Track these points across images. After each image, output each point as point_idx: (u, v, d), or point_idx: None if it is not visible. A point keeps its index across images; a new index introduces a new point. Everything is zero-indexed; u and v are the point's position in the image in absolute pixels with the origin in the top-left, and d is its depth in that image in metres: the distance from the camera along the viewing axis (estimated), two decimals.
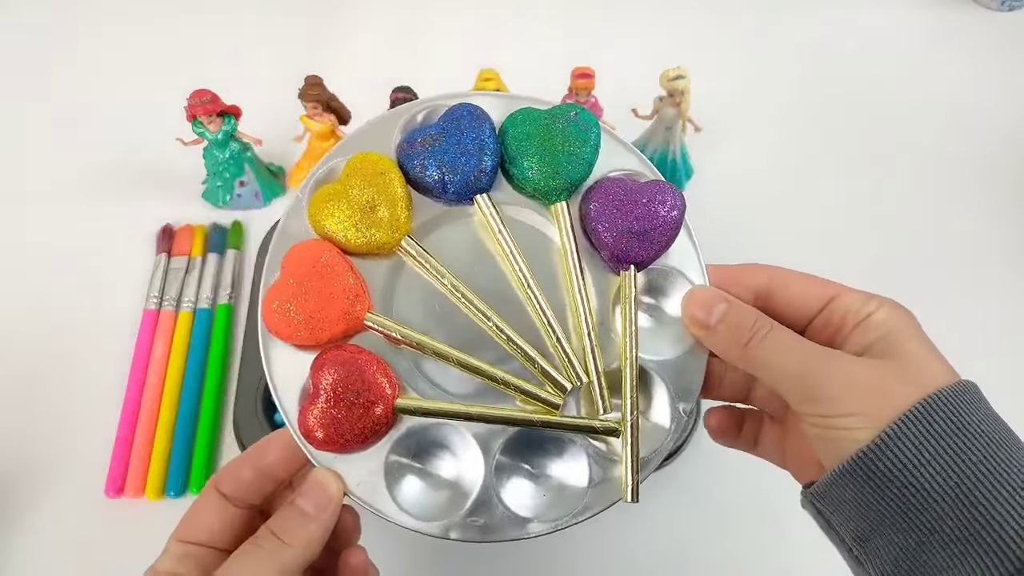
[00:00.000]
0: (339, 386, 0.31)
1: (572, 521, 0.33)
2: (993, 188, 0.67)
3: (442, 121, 0.35)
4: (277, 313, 0.32)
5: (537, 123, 0.35)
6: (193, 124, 0.58)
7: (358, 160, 0.35)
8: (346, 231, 0.33)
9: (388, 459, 0.32)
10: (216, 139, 0.59)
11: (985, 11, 0.79)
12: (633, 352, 0.33)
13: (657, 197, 0.34)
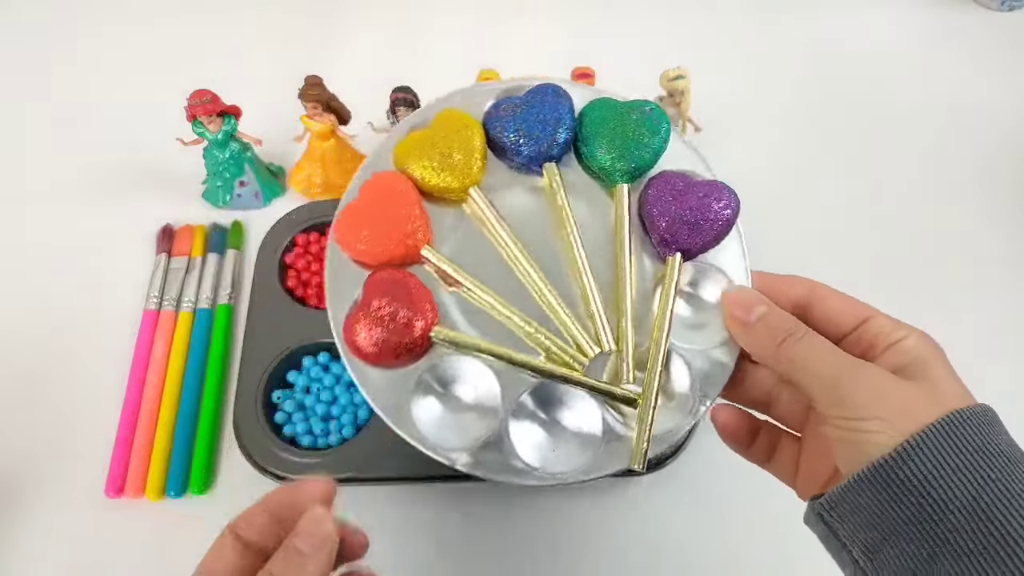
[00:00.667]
0: (386, 300, 0.34)
1: (575, 478, 0.34)
2: (993, 188, 0.67)
3: (528, 94, 0.39)
4: (346, 224, 0.36)
5: (614, 111, 0.38)
6: (193, 124, 0.58)
7: (446, 113, 0.38)
8: (424, 171, 0.37)
9: (414, 382, 0.35)
10: (216, 139, 0.59)
11: (985, 11, 0.79)
12: (665, 332, 0.35)
13: (714, 194, 0.37)
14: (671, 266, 0.36)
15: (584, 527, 0.51)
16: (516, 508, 0.52)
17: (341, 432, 0.52)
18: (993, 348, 0.58)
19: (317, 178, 0.62)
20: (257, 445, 0.51)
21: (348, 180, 0.62)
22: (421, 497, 0.52)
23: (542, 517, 0.51)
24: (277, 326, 0.55)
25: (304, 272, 0.59)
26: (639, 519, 0.51)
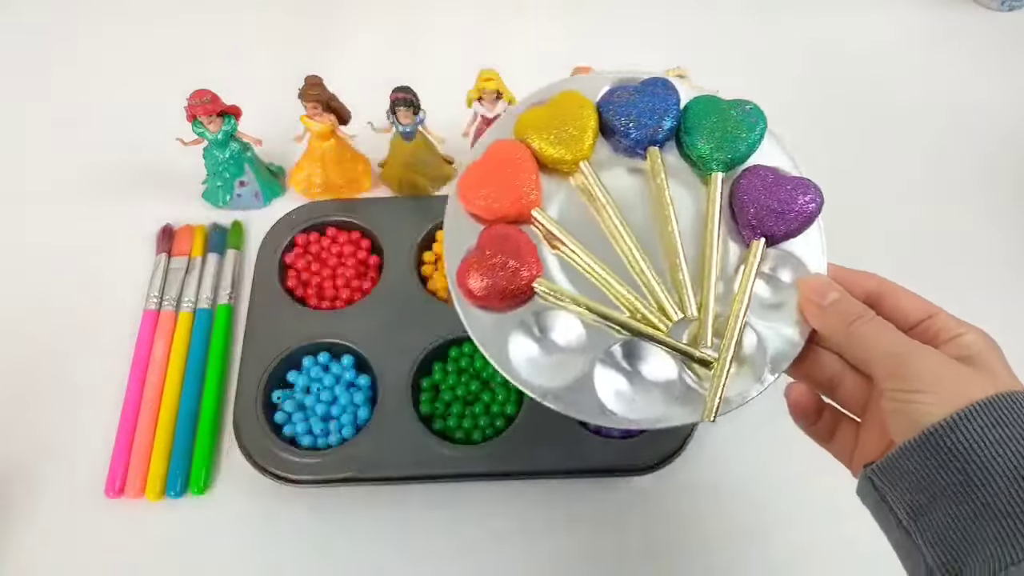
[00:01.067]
0: (497, 249, 0.39)
1: (649, 425, 0.38)
2: (993, 188, 0.67)
3: (641, 84, 0.43)
4: (469, 182, 0.41)
5: (717, 107, 0.42)
6: (193, 124, 0.58)
7: (566, 94, 0.43)
8: (541, 142, 0.41)
9: (515, 324, 0.39)
10: (216, 139, 0.59)
11: (985, 11, 0.79)
12: (744, 306, 0.39)
13: (801, 188, 0.40)
14: (755, 249, 0.40)
15: (585, 526, 0.51)
16: (516, 508, 0.52)
17: (341, 432, 0.52)
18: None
19: (317, 178, 0.62)
20: (257, 445, 0.51)
21: (348, 180, 0.63)
22: (420, 497, 0.52)
23: (542, 516, 0.51)
24: (277, 326, 0.55)
25: (304, 272, 0.59)
26: (639, 518, 0.51)
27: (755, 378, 0.38)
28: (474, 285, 0.38)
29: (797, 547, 0.51)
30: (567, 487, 0.52)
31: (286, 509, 0.51)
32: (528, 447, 0.51)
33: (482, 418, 0.52)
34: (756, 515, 0.52)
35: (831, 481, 0.53)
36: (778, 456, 0.54)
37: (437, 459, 0.50)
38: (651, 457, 0.51)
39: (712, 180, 0.41)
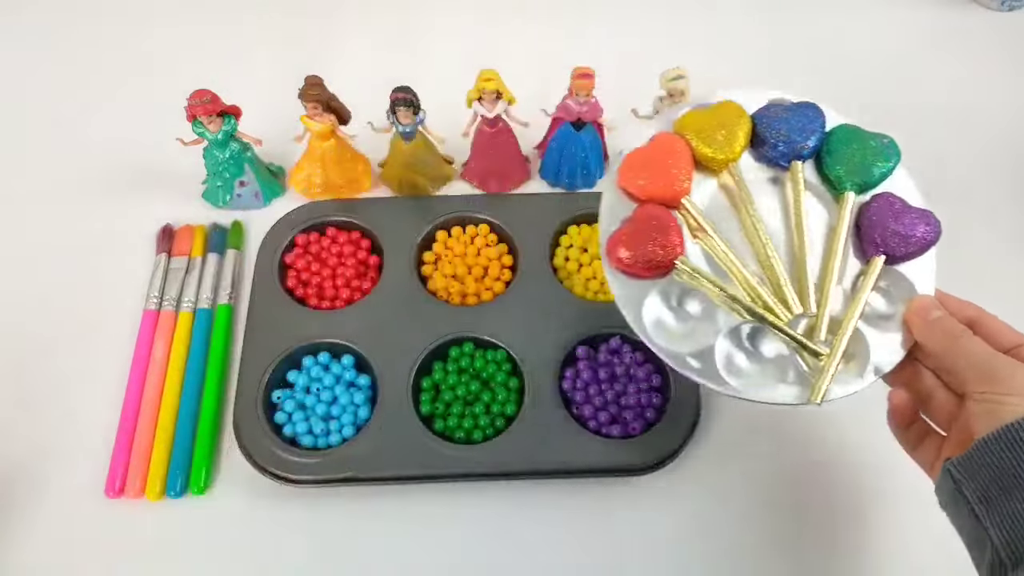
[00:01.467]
0: (647, 221, 0.44)
1: (758, 398, 0.43)
2: (993, 188, 0.67)
3: (793, 105, 0.49)
4: (631, 164, 0.46)
5: (858, 135, 0.48)
6: (193, 124, 0.58)
7: (725, 103, 0.48)
8: (697, 140, 0.47)
9: (654, 291, 0.44)
10: (216, 139, 0.59)
11: (985, 11, 0.79)
12: (859, 311, 0.44)
13: (924, 218, 0.46)
14: (875, 264, 0.45)
15: (585, 526, 0.51)
16: (516, 507, 0.52)
17: (341, 432, 0.52)
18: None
19: (317, 178, 0.62)
20: (257, 445, 0.51)
21: (348, 180, 0.63)
22: (420, 497, 0.52)
23: (542, 516, 0.51)
24: (277, 326, 0.55)
25: (304, 272, 0.59)
26: (639, 518, 0.51)
27: (858, 375, 0.43)
28: (623, 254, 0.44)
29: (797, 546, 0.51)
30: (567, 487, 0.52)
31: (286, 509, 0.51)
32: (528, 447, 0.51)
33: (482, 418, 0.52)
34: (755, 514, 0.52)
35: (830, 481, 0.53)
36: (777, 456, 0.54)
37: (437, 459, 0.50)
38: (650, 457, 0.51)
39: (845, 198, 0.46)
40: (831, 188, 0.48)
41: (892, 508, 0.52)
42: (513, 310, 0.56)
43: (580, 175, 0.63)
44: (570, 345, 0.55)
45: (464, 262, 0.59)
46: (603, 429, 0.52)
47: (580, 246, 0.60)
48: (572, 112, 0.59)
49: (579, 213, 0.61)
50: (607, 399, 0.53)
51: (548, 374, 0.53)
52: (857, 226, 0.46)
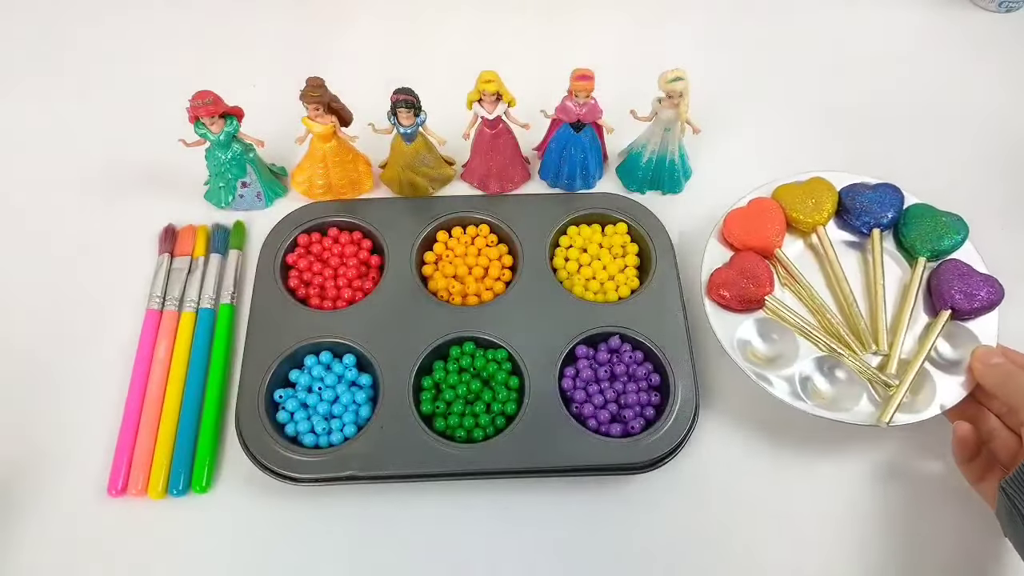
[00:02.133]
0: (744, 266, 0.55)
1: (832, 417, 0.51)
2: (993, 188, 0.67)
3: (876, 184, 0.60)
4: (735, 219, 0.58)
5: (931, 212, 0.58)
6: (195, 125, 0.58)
7: (816, 179, 0.60)
8: (791, 205, 0.58)
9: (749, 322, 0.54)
10: (218, 140, 0.59)
11: (982, 12, 0.79)
12: (927, 352, 0.53)
13: (988, 283, 0.54)
14: (941, 316, 0.54)
15: (585, 524, 0.52)
16: (516, 505, 0.52)
17: (343, 431, 0.52)
18: None
19: (319, 179, 0.62)
20: (259, 444, 0.51)
21: (349, 181, 0.63)
22: (421, 495, 0.52)
23: (542, 514, 0.52)
24: (279, 326, 0.56)
25: (306, 272, 0.59)
26: (638, 516, 0.52)
27: (921, 407, 0.51)
28: (723, 291, 0.54)
29: (796, 545, 0.51)
30: (567, 485, 0.52)
31: (288, 507, 0.52)
32: (529, 446, 0.51)
33: (483, 417, 0.52)
34: (754, 512, 0.52)
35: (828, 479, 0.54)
36: (777, 456, 0.54)
37: (438, 458, 0.51)
38: (650, 456, 0.51)
39: (918, 262, 0.56)
40: (906, 255, 0.58)
41: (892, 507, 0.52)
42: (513, 310, 0.57)
43: (580, 176, 0.64)
44: (570, 344, 0.55)
45: (465, 262, 0.60)
46: (603, 428, 0.52)
47: (580, 246, 0.61)
48: (571, 113, 0.59)
49: (579, 214, 0.61)
50: (607, 398, 0.53)
51: (548, 373, 0.53)
52: (928, 288, 0.56)
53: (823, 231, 0.58)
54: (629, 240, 0.61)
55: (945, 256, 0.57)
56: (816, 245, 0.59)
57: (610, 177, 0.67)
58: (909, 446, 0.54)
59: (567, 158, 0.62)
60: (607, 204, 0.62)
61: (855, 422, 0.50)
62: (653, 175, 0.65)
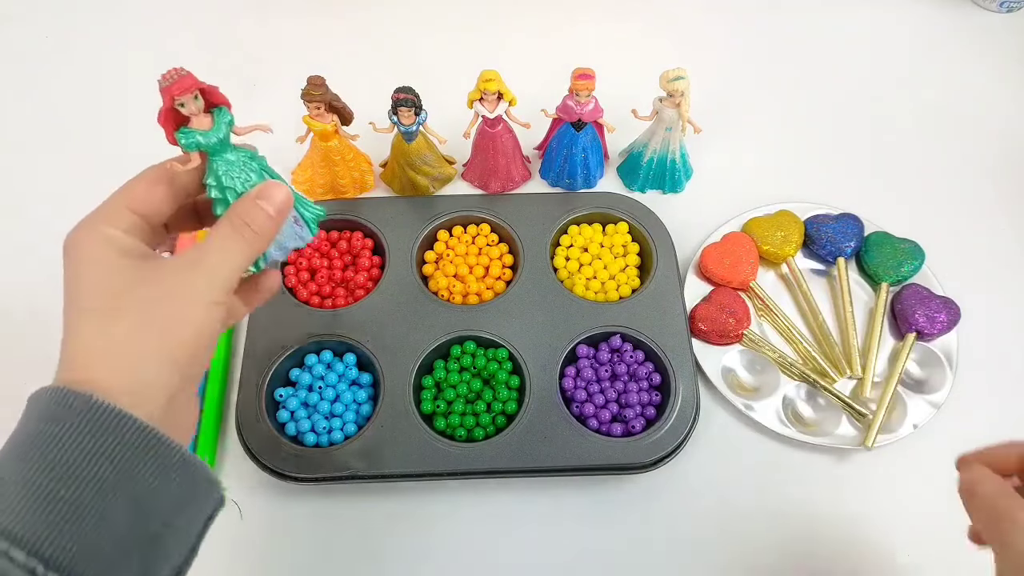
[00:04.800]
0: (723, 301, 0.58)
1: (812, 441, 0.53)
2: (993, 188, 0.67)
3: (838, 215, 0.62)
4: (710, 255, 0.60)
5: (889, 240, 0.61)
6: (181, 134, 0.38)
7: (783, 212, 0.63)
8: (762, 238, 0.61)
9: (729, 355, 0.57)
10: (217, 139, 0.38)
11: (984, 12, 0.79)
12: (899, 375, 0.55)
13: (946, 304, 0.57)
14: (908, 339, 0.57)
15: (585, 523, 0.52)
16: (517, 505, 0.52)
17: (344, 430, 0.52)
18: (993, 348, 0.58)
19: (320, 178, 0.62)
20: (260, 443, 0.51)
21: (350, 180, 0.63)
22: (422, 494, 0.52)
23: (543, 513, 0.52)
24: (279, 325, 0.56)
25: (306, 271, 0.59)
26: (639, 516, 0.52)
27: (899, 424, 0.53)
28: (703, 325, 0.56)
29: (796, 544, 0.51)
30: (568, 485, 0.53)
31: (289, 506, 0.52)
32: (529, 445, 0.51)
33: (484, 416, 0.52)
34: (755, 511, 0.52)
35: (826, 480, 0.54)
36: (777, 456, 0.54)
37: (439, 457, 0.51)
38: (651, 455, 0.51)
39: (882, 288, 0.59)
40: (869, 280, 0.61)
41: (888, 504, 0.52)
42: (514, 309, 0.57)
43: (580, 175, 0.64)
44: (571, 344, 0.55)
45: (465, 262, 0.60)
46: (604, 427, 0.52)
47: (581, 246, 0.60)
48: (572, 112, 0.59)
49: (580, 213, 0.61)
50: (608, 398, 0.53)
51: (549, 373, 0.53)
52: (892, 311, 0.59)
53: (793, 262, 0.60)
54: (630, 240, 0.61)
55: (905, 281, 0.60)
56: (787, 275, 0.61)
57: (611, 176, 0.67)
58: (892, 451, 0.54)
59: (568, 157, 0.62)
60: (608, 203, 0.62)
61: (840, 446, 0.53)
62: (654, 174, 0.65)
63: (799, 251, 0.62)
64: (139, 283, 0.33)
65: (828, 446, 0.53)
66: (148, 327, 0.32)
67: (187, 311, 0.33)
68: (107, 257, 0.34)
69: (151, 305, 0.32)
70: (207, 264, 0.34)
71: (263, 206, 0.36)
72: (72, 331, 0.32)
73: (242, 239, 0.35)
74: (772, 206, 0.63)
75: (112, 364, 0.31)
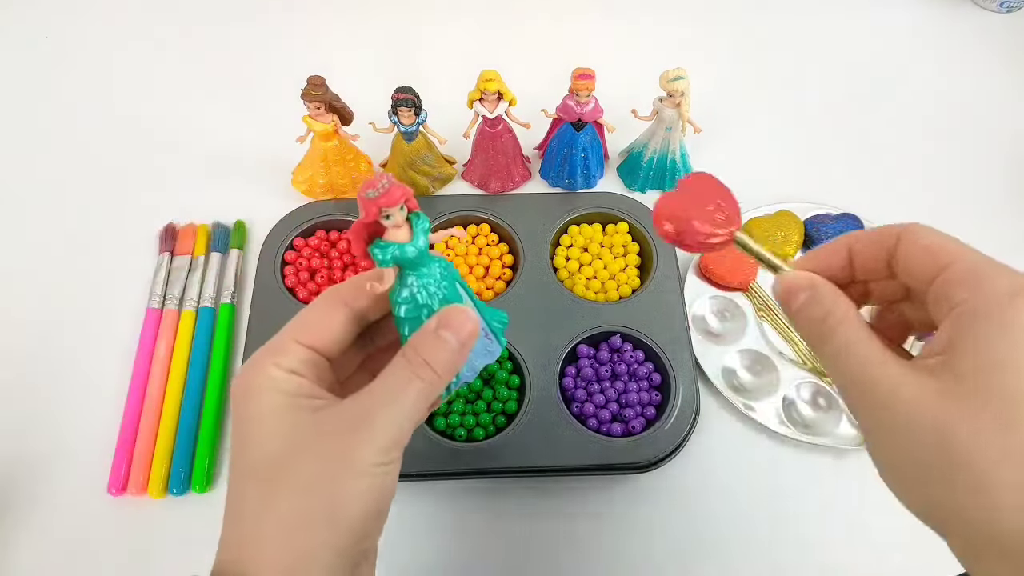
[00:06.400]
0: (704, 190, 0.35)
1: (816, 441, 0.53)
2: (993, 188, 0.67)
3: (838, 215, 0.62)
4: (711, 259, 0.59)
5: None
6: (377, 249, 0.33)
7: (783, 212, 0.63)
8: (763, 239, 0.61)
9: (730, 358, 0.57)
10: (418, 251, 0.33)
11: (984, 12, 0.79)
12: None
13: None
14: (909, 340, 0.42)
15: (586, 523, 0.51)
16: (517, 504, 0.52)
17: None
18: None
19: (320, 178, 0.62)
20: None
21: (350, 180, 0.63)
22: (421, 494, 0.52)
23: (543, 513, 0.52)
24: (279, 325, 0.55)
25: (306, 271, 0.59)
26: (639, 515, 0.52)
27: None
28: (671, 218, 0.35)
29: (797, 544, 0.51)
30: (568, 484, 0.52)
31: None
32: (530, 445, 0.51)
33: (484, 416, 0.52)
34: (755, 510, 0.52)
35: (826, 479, 0.54)
36: (778, 455, 0.54)
37: (439, 457, 0.51)
38: (651, 455, 0.51)
39: None
40: None
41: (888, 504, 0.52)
42: (514, 309, 0.56)
43: (580, 175, 0.64)
44: (571, 343, 0.55)
45: (465, 261, 0.59)
46: (604, 427, 0.52)
47: (581, 246, 0.60)
48: (572, 112, 0.59)
49: (580, 213, 0.61)
50: (608, 397, 0.53)
51: (549, 372, 0.53)
52: None
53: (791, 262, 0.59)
54: (630, 239, 0.61)
55: None
56: None
57: (611, 176, 0.67)
58: None
59: (568, 157, 0.62)
60: (608, 203, 0.62)
61: (840, 446, 0.53)
62: (654, 174, 0.65)
63: (799, 251, 0.61)
64: (302, 450, 0.29)
65: (828, 446, 0.53)
66: (308, 514, 0.28)
67: (352, 486, 0.29)
68: (272, 411, 0.30)
69: (312, 484, 0.28)
70: (378, 424, 0.29)
71: (446, 339, 0.31)
72: (233, 499, 0.30)
73: (421, 382, 0.30)
74: (772, 206, 0.63)
75: (268, 553, 0.28)
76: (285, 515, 0.28)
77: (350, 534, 0.29)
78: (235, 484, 0.30)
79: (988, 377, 0.23)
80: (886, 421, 0.25)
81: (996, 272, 0.24)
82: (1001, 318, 0.23)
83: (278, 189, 0.65)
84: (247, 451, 0.30)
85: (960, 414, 0.23)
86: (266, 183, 0.65)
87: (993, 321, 0.23)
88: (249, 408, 0.30)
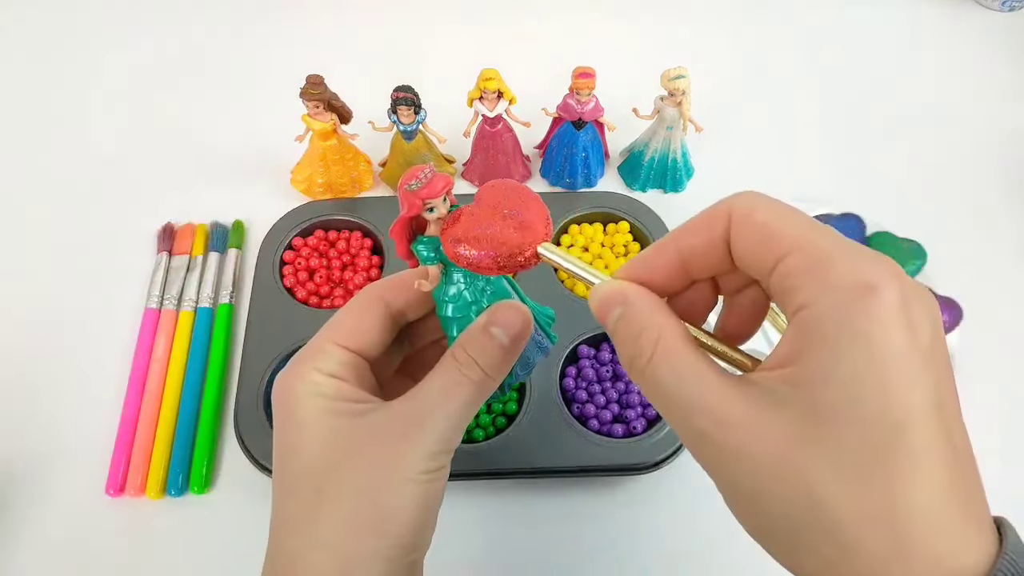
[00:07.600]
0: (499, 197, 0.29)
1: None
2: (995, 188, 0.67)
3: (840, 215, 0.61)
4: None
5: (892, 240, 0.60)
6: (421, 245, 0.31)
7: None
8: None
9: None
10: None
11: (985, 11, 0.79)
12: None
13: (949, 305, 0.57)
14: None
15: (586, 524, 0.51)
16: (517, 506, 0.52)
17: None
18: (993, 348, 0.58)
19: (319, 178, 0.62)
20: (258, 444, 0.51)
21: (349, 179, 0.63)
22: None
23: (543, 514, 0.51)
24: (278, 325, 0.55)
25: (305, 271, 0.59)
26: (640, 517, 0.51)
27: None
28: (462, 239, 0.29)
29: None
30: (569, 486, 0.52)
31: None
32: (530, 446, 0.50)
33: (483, 417, 0.52)
34: None
35: None
36: None
37: None
38: (653, 456, 0.50)
39: None
40: None
41: None
42: None
43: (581, 175, 0.63)
44: (572, 344, 0.54)
45: None
46: (605, 428, 0.52)
47: (581, 245, 0.60)
48: (573, 111, 0.59)
49: (580, 212, 0.61)
50: (609, 398, 0.53)
51: (550, 373, 0.53)
52: None
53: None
54: (631, 239, 0.61)
55: None
56: None
57: (612, 176, 0.67)
58: None
59: (568, 157, 0.62)
60: (609, 203, 0.62)
61: None
62: (655, 174, 0.64)
63: None
64: (348, 456, 0.28)
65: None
66: (357, 523, 0.27)
67: (400, 493, 0.28)
68: (314, 417, 0.29)
69: (360, 492, 0.28)
70: (426, 429, 0.28)
71: (497, 336, 0.29)
72: (279, 510, 0.29)
73: (470, 383, 0.29)
74: None
75: (317, 564, 0.28)
76: (333, 525, 0.28)
77: (399, 543, 0.28)
78: (280, 494, 0.30)
79: (847, 410, 0.19)
80: (732, 473, 0.22)
81: (842, 258, 0.20)
82: (852, 326, 0.19)
83: (277, 188, 0.65)
84: (291, 460, 0.29)
85: (820, 463, 0.20)
86: (265, 182, 0.65)
87: (844, 329, 0.20)
88: (291, 415, 0.29)
